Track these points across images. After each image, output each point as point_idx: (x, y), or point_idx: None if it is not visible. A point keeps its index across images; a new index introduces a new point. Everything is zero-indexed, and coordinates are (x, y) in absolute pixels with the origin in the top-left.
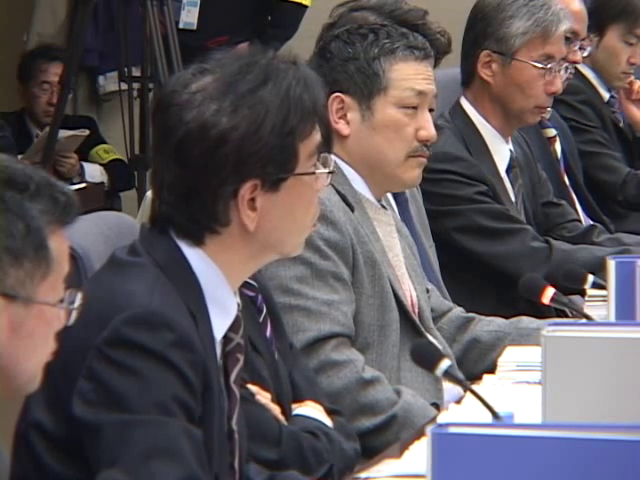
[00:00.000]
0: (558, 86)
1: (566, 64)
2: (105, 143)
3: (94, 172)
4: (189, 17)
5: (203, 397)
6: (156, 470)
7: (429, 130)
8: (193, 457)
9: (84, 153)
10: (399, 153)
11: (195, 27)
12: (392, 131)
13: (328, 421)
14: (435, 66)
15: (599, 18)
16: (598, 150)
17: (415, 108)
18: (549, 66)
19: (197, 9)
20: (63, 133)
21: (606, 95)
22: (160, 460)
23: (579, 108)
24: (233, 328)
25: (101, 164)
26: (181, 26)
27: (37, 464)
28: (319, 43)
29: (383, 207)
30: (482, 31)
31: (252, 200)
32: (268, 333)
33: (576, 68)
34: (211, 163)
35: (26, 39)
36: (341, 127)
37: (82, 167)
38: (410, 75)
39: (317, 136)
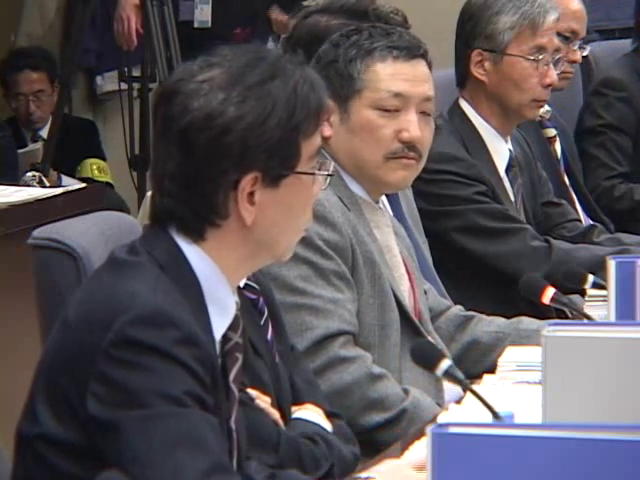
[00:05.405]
0: (553, 77)
1: (559, 56)
2: (103, 155)
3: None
4: (203, 15)
5: (212, 392)
6: (182, 460)
7: (412, 131)
8: (216, 444)
9: (82, 157)
10: (375, 155)
11: (209, 25)
12: (367, 133)
13: (327, 425)
14: None
15: None
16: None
17: (395, 110)
18: (540, 57)
19: (209, 6)
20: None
21: None
22: (184, 450)
23: (614, 104)
24: (232, 327)
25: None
26: (196, 25)
27: (47, 467)
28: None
29: (381, 208)
30: (471, 31)
31: (251, 194)
32: (269, 336)
33: None
34: (214, 152)
35: (14, 39)
36: (323, 129)
37: (60, 179)
38: (387, 76)
39: (318, 138)
